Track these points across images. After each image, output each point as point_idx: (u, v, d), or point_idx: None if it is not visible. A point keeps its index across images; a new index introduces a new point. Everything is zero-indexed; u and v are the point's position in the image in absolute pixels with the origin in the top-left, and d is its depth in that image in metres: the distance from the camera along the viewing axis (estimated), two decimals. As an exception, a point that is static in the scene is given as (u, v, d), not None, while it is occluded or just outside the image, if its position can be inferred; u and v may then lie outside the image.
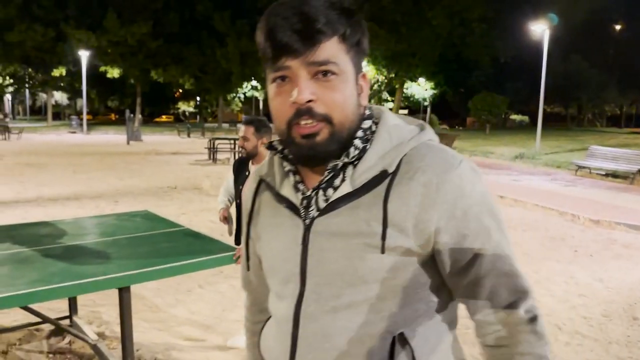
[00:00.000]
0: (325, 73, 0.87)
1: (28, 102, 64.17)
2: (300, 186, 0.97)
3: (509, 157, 18.91)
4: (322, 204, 0.93)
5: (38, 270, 2.77)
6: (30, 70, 41.68)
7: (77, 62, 37.68)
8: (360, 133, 0.94)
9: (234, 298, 4.62)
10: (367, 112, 0.98)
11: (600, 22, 43.12)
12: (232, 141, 17.56)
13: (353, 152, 0.92)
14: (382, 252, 0.88)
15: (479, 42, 32.98)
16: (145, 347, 3.63)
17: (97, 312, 4.25)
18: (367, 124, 0.95)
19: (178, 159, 17.72)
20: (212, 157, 17.31)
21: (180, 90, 52.20)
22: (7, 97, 55.42)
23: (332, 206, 0.92)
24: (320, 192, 0.93)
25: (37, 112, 69.28)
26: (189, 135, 32.40)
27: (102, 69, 39.86)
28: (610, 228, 7.74)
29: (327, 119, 0.88)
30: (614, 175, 13.44)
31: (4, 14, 35.55)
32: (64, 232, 3.66)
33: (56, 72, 40.55)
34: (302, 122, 0.88)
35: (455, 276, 0.92)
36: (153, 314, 4.29)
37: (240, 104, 54.05)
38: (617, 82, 43.17)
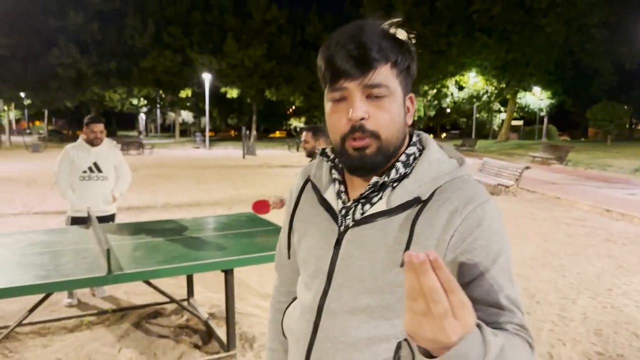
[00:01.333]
0: (377, 95, 0.97)
1: (159, 120, 70.74)
2: (343, 195, 1.08)
3: (628, 171, 17.63)
4: (358, 216, 1.03)
5: (163, 254, 3.54)
6: (160, 92, 46.13)
7: (200, 84, 41.26)
8: (403, 157, 1.03)
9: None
10: (415, 138, 1.08)
11: None
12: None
13: (394, 174, 1.01)
14: (402, 266, 0.96)
15: (599, 48, 30.88)
16: (247, 324, 4.31)
17: (210, 298, 5.02)
18: (411, 150, 1.05)
19: (286, 172, 18.88)
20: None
21: (293, 107, 54.60)
22: (142, 117, 61.71)
23: (367, 220, 1.01)
24: (359, 205, 1.03)
25: (167, 130, 75.92)
26: (297, 150, 33.88)
27: (223, 89, 43.15)
28: None
29: (375, 135, 0.98)
30: None
31: (140, 43, 40.05)
32: (184, 227, 4.48)
33: (183, 94, 44.56)
34: (356, 138, 0.98)
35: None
36: (255, 299, 4.98)
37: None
38: None
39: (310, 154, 4.32)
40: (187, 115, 63.76)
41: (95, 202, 4.79)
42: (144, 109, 49.80)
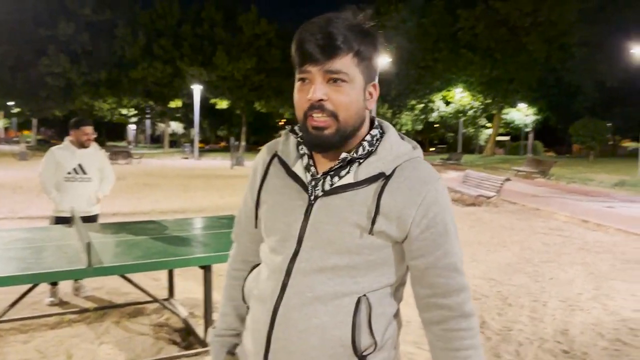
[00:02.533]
0: (336, 80, 1.08)
1: (148, 131, 70.60)
2: (312, 168, 1.19)
3: (608, 185, 18.00)
4: (327, 187, 1.15)
5: (142, 250, 3.66)
6: (150, 102, 46.21)
7: (190, 95, 41.42)
8: (368, 137, 1.18)
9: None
10: (376, 122, 1.23)
11: None
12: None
13: (361, 151, 1.15)
14: (370, 233, 1.12)
15: (580, 66, 31.59)
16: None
17: (191, 298, 5.11)
18: (375, 132, 1.20)
19: (273, 182, 18.99)
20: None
21: (284, 120, 54.89)
22: (131, 127, 61.57)
23: (335, 190, 1.14)
24: (328, 178, 1.16)
25: (156, 141, 75.71)
26: (286, 161, 33.96)
27: (212, 100, 43.35)
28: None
29: (334, 116, 1.09)
30: None
31: (130, 53, 40.25)
32: (165, 227, 4.60)
33: (172, 104, 44.72)
34: (315, 115, 1.09)
35: (413, 260, 1.17)
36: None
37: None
38: None
39: None
40: (176, 126, 63.78)
41: (79, 203, 4.88)
42: (134, 119, 49.78)
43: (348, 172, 1.15)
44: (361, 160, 1.15)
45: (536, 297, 5.39)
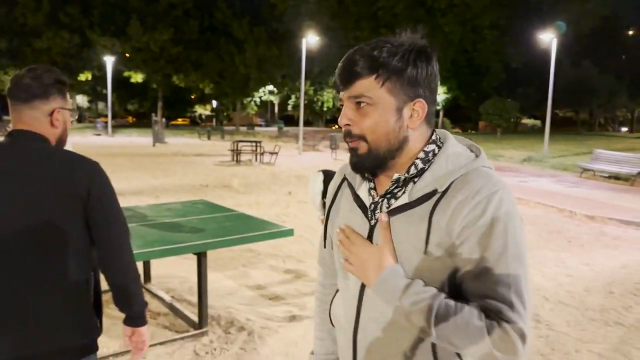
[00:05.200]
0: (359, 103, 1.10)
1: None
2: (372, 192, 1.20)
3: (517, 160, 19.60)
4: (385, 210, 1.15)
5: (141, 239, 3.70)
6: (56, 74, 42.93)
7: (101, 67, 39.03)
8: (422, 154, 1.14)
9: (269, 272, 5.54)
10: (434, 136, 1.17)
11: (612, 28, 43.54)
12: (254, 144, 18.61)
13: (413, 170, 1.13)
14: (425, 253, 1.08)
15: (490, 48, 33.71)
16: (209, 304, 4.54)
17: (163, 282, 5.15)
18: (430, 147, 1.15)
19: (203, 160, 18.74)
20: (235, 158, 18.27)
21: (194, 95, 53.32)
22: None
23: (392, 212, 1.13)
24: (385, 200, 1.16)
25: (58, 115, 70.70)
26: (209, 138, 33.37)
27: (126, 74, 41.16)
28: (603, 223, 8.54)
29: (362, 138, 1.12)
30: (616, 177, 14.07)
31: (32, 21, 37.04)
32: (145, 214, 4.61)
33: (82, 77, 41.91)
34: (347, 139, 1.15)
35: (465, 281, 1.07)
36: (214, 281, 5.20)
37: (255, 108, 55.14)
38: (627, 87, 43.57)
39: None
40: (81, 100, 59.96)
41: None
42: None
43: (404, 193, 1.13)
44: (416, 179, 1.13)
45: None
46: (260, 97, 51.31)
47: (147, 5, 40.76)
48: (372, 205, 1.18)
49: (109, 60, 35.58)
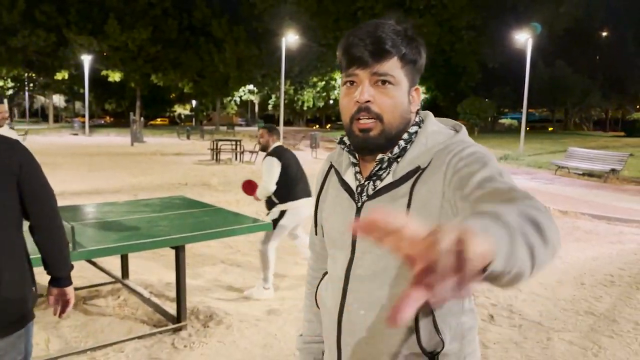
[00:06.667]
0: (384, 82, 1.10)
1: (27, 105, 64.57)
2: (358, 175, 1.21)
3: (496, 158, 19.88)
4: (371, 191, 1.16)
5: (118, 233, 3.70)
6: (31, 73, 42.31)
7: (78, 66, 38.44)
8: (405, 135, 1.15)
9: (248, 267, 5.56)
10: (417, 119, 1.19)
11: (585, 29, 44.49)
12: (233, 143, 18.57)
13: (396, 150, 1.15)
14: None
15: (467, 48, 34.14)
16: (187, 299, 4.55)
17: (141, 279, 5.14)
18: (413, 129, 1.17)
19: (182, 159, 18.61)
20: (215, 157, 18.17)
21: (173, 95, 52.78)
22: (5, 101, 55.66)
23: (378, 193, 1.15)
24: (370, 182, 1.17)
25: (34, 115, 69.59)
26: (188, 138, 33.11)
27: (104, 72, 40.58)
28: (576, 217, 8.75)
29: (379, 118, 1.11)
30: (590, 174, 14.36)
31: (7, 19, 36.30)
32: (124, 210, 4.60)
33: (59, 76, 41.21)
34: (361, 119, 1.11)
35: (464, 201, 0.99)
36: (191, 276, 5.20)
37: (235, 107, 54.87)
38: (601, 87, 44.57)
39: (264, 148, 4.72)
40: (58, 99, 58.94)
41: None
42: (10, 92, 45.22)
43: (388, 174, 1.15)
44: (399, 160, 1.15)
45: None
46: (240, 97, 51.07)
47: (126, 4, 40.27)
48: (359, 188, 1.19)
49: (86, 59, 35.08)
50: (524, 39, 23.50)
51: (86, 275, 5.02)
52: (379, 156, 1.15)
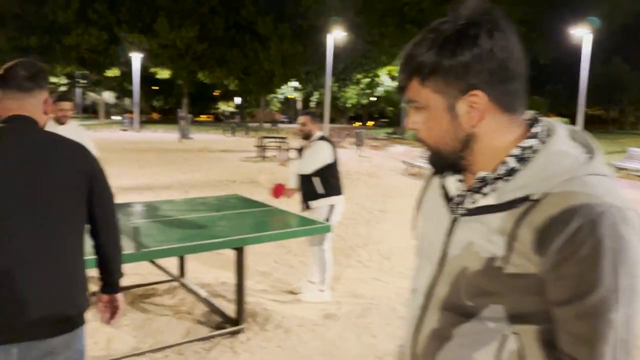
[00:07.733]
0: (417, 108, 1.01)
1: (79, 101, 66.99)
2: (460, 185, 1.06)
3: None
4: (469, 206, 1.00)
5: (178, 233, 3.66)
6: (85, 71, 43.79)
7: (128, 64, 39.53)
8: (515, 151, 0.95)
9: (300, 268, 5.44)
10: (537, 128, 0.98)
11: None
12: (279, 140, 18.63)
13: (501, 168, 0.96)
14: (501, 268, 0.91)
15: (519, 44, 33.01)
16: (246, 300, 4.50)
17: (197, 278, 5.13)
18: (529, 142, 0.96)
19: (229, 156, 18.80)
20: (261, 154, 18.29)
21: (218, 92, 53.53)
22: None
23: (477, 211, 0.98)
24: (472, 195, 1.01)
25: (85, 111, 72.14)
26: (233, 134, 33.60)
27: (152, 70, 41.62)
28: None
29: (426, 144, 1.05)
30: (652, 176, 13.75)
31: (62, 18, 37.72)
32: (183, 208, 4.59)
33: (110, 73, 42.53)
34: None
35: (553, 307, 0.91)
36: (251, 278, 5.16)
37: (278, 105, 55.24)
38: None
39: (307, 137, 4.53)
40: (108, 96, 60.87)
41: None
42: (63, 88, 46.97)
43: (493, 191, 0.96)
44: (508, 178, 0.94)
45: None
46: (283, 94, 51.35)
47: (175, 3, 41.10)
48: (457, 199, 1.04)
49: (136, 57, 35.98)
50: (580, 34, 22.54)
51: (141, 272, 5.03)
52: (480, 173, 0.99)
